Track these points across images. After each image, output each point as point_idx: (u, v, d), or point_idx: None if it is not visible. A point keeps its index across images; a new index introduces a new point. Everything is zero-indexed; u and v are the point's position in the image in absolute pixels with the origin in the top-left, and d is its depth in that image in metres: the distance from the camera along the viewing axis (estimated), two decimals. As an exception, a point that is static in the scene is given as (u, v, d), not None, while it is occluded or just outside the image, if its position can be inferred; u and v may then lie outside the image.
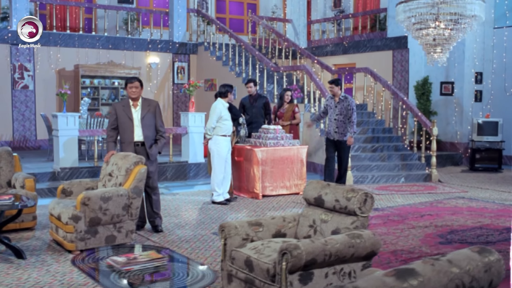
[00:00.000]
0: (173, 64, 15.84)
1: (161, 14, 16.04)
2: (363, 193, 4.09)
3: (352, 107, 9.02)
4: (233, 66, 14.61)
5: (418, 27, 6.85)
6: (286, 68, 13.23)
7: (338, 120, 9.06)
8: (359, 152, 11.45)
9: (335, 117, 9.09)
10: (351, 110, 8.99)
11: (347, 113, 8.99)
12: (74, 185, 6.40)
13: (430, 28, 6.60)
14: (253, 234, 4.31)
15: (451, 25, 6.58)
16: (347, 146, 9.14)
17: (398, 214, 7.70)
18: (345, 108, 9.01)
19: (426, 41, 6.97)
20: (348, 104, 9.02)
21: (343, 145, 9.11)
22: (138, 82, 6.66)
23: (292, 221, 4.52)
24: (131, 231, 5.95)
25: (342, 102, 9.07)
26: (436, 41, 6.78)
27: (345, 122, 9.01)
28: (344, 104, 9.04)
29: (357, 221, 4.08)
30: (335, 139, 9.11)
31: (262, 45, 16.39)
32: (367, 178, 10.64)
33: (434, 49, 6.98)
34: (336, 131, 9.10)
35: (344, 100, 9.06)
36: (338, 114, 9.06)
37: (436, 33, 6.64)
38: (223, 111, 8.29)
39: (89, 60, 14.44)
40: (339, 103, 9.07)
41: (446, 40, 6.74)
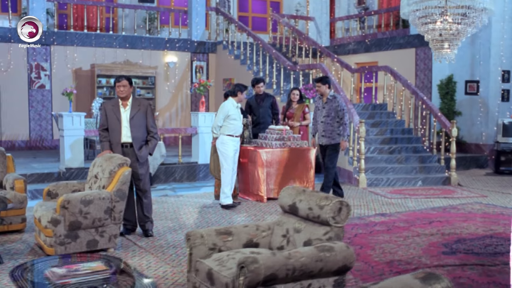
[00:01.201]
0: (191, 63, 15.64)
1: (179, 12, 15.88)
2: (337, 201, 3.73)
3: (342, 107, 8.29)
4: (251, 65, 14.31)
5: (424, 21, 6.41)
6: (302, 67, 12.87)
7: (325, 122, 8.36)
8: (375, 153, 11.00)
9: (322, 119, 8.41)
10: (341, 110, 8.28)
11: (336, 114, 8.30)
12: (60, 187, 6.20)
13: (437, 23, 6.15)
14: (221, 244, 4.01)
15: (459, 19, 6.13)
16: (334, 152, 8.42)
17: (405, 220, 7.27)
18: (333, 109, 8.31)
19: (432, 37, 6.53)
20: (337, 105, 8.30)
21: (330, 151, 8.41)
22: (127, 80, 6.41)
23: (267, 229, 4.20)
24: (114, 235, 5.72)
25: (330, 102, 8.36)
26: (443, 37, 6.34)
27: (333, 124, 8.31)
28: (333, 105, 8.33)
29: (330, 231, 3.73)
30: (322, 143, 8.46)
31: (283, 44, 16.06)
32: (381, 181, 10.19)
33: (441, 45, 6.52)
34: (323, 135, 8.43)
35: (332, 100, 8.35)
36: (325, 116, 8.36)
37: (442, 28, 6.19)
38: (232, 110, 7.99)
39: (106, 59, 14.36)
40: (327, 103, 8.38)
41: (453, 35, 6.29)
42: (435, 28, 6.22)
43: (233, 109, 8.01)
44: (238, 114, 8.04)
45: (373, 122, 11.96)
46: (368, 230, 6.69)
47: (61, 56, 13.87)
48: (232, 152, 8.05)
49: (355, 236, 6.42)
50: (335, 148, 8.41)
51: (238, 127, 8.08)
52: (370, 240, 6.20)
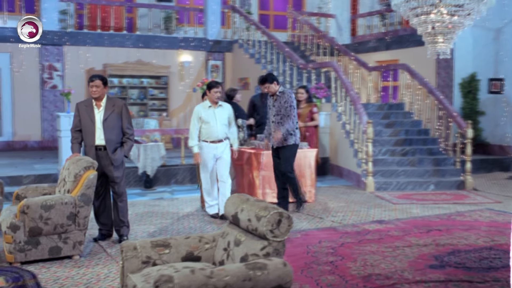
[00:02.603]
0: (206, 62, 15.35)
1: (195, 11, 15.62)
2: (276, 213, 3.32)
3: (290, 103, 7.33)
4: (265, 64, 13.93)
5: (416, 13, 5.88)
6: (314, 65, 12.42)
7: (275, 122, 7.46)
8: (387, 155, 10.47)
9: (272, 119, 7.53)
10: (289, 107, 7.31)
11: (286, 112, 7.34)
12: (29, 191, 5.98)
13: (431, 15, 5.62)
14: (156, 257, 3.66)
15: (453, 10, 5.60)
16: (287, 153, 7.47)
17: (402, 228, 6.77)
18: (282, 106, 7.37)
19: (425, 30, 6.00)
20: (285, 100, 7.36)
21: (284, 154, 7.48)
22: (100, 80, 6.10)
23: (211, 241, 3.83)
24: (79, 242, 5.44)
25: (279, 98, 7.42)
26: (436, 30, 5.81)
27: (284, 123, 7.35)
28: (281, 101, 7.41)
29: (268, 246, 3.33)
30: (274, 145, 7.56)
31: (301, 42, 15.63)
32: (391, 184, 9.66)
33: (434, 39, 5.98)
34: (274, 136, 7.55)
35: (281, 96, 7.41)
36: (275, 115, 7.47)
37: (435, 20, 5.66)
38: (202, 112, 7.16)
39: (119, 59, 14.21)
40: (276, 100, 7.46)
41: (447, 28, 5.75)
42: (427, 20, 5.72)
43: (204, 111, 7.16)
44: (212, 116, 7.14)
45: (388, 122, 11.41)
46: (358, 239, 6.23)
47: (74, 56, 13.78)
48: (208, 160, 7.21)
49: (341, 245, 5.97)
50: (290, 150, 7.48)
51: (213, 131, 7.14)
52: (355, 251, 5.75)
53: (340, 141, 11.04)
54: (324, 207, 8.15)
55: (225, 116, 7.26)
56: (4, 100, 13.29)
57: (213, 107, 7.19)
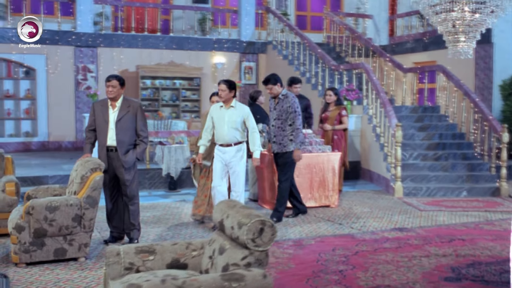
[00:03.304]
0: (240, 64, 15.26)
1: (229, 13, 15.57)
2: (258, 221, 3.14)
3: (294, 109, 6.99)
4: (298, 65, 13.73)
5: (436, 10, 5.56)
6: (345, 67, 12.14)
7: (275, 126, 7.15)
8: (418, 160, 10.09)
9: (272, 123, 7.22)
10: (292, 112, 6.99)
11: (287, 116, 7.03)
12: (39, 191, 5.97)
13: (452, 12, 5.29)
14: (139, 264, 3.54)
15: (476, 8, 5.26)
16: (288, 162, 7.11)
17: (423, 236, 6.45)
18: (284, 111, 7.04)
19: (445, 28, 5.66)
20: (289, 105, 7.00)
21: (282, 160, 7.13)
22: (117, 80, 6.05)
23: (198, 248, 3.68)
24: (85, 244, 5.39)
25: (281, 102, 7.10)
26: (456, 28, 5.47)
27: (284, 128, 7.07)
28: (284, 105, 7.06)
29: (249, 256, 3.16)
30: (274, 151, 7.25)
31: (336, 43, 15.35)
32: (421, 190, 9.29)
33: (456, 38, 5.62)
34: (274, 141, 7.19)
35: (283, 100, 7.08)
36: (275, 119, 7.15)
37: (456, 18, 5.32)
38: (213, 112, 6.68)
39: (152, 61, 14.28)
40: (278, 103, 7.14)
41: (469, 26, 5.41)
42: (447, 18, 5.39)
43: (216, 111, 6.66)
44: (221, 117, 6.57)
45: (421, 125, 11.02)
46: (374, 247, 5.96)
47: (107, 58, 13.92)
48: (216, 163, 6.67)
49: (355, 253, 5.72)
50: (288, 158, 7.13)
51: (220, 134, 6.60)
52: (368, 260, 5.50)
53: (371, 145, 10.73)
54: (347, 212, 7.89)
55: (236, 119, 6.56)
56: (39, 101, 13.53)
57: (224, 107, 6.61)
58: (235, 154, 6.59)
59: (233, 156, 6.59)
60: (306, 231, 6.74)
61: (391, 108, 9.89)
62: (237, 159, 6.61)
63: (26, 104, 13.72)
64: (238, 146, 6.62)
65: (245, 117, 6.67)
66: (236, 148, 6.60)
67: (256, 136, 6.64)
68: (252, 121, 6.70)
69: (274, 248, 5.87)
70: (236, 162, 6.61)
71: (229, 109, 6.59)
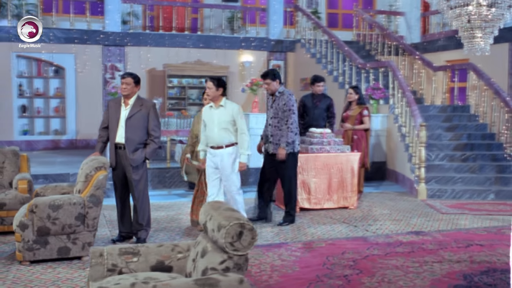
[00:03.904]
0: (268, 62, 15.14)
1: (258, 11, 15.46)
2: (236, 224, 3.02)
3: (290, 107, 6.73)
4: (326, 64, 13.53)
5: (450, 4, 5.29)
6: (372, 65, 11.87)
7: (272, 125, 6.90)
8: (444, 161, 9.77)
9: (269, 121, 6.99)
10: (287, 110, 6.75)
11: (284, 115, 6.79)
12: (48, 190, 5.98)
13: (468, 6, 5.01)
14: (123, 265, 3.46)
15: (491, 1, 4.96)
16: (288, 162, 6.84)
17: (440, 241, 6.20)
18: (280, 108, 6.81)
19: (460, 24, 5.38)
20: (284, 103, 6.76)
21: (282, 163, 6.86)
22: (131, 78, 6.02)
23: (184, 251, 3.58)
24: (88, 243, 5.36)
25: (278, 100, 6.88)
26: (472, 23, 5.19)
27: (281, 128, 6.82)
28: (280, 103, 6.84)
29: (228, 260, 3.03)
30: (269, 151, 6.99)
31: (366, 41, 15.06)
32: (445, 192, 8.98)
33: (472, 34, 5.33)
34: (271, 141, 6.95)
35: (279, 98, 6.85)
36: (272, 117, 6.92)
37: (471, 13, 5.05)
38: (205, 114, 6.34)
39: (179, 59, 14.30)
40: (275, 101, 6.92)
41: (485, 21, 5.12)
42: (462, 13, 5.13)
43: (206, 111, 6.32)
44: (210, 117, 6.21)
45: (449, 125, 10.69)
46: (386, 252, 5.76)
47: (135, 56, 14.00)
48: (208, 167, 6.31)
49: (365, 257, 5.53)
50: (288, 161, 6.85)
51: (209, 135, 6.24)
52: (377, 264, 5.30)
53: (396, 145, 10.46)
54: (365, 214, 7.68)
55: (225, 118, 6.15)
56: (68, 100, 13.73)
57: (214, 107, 6.23)
58: (227, 157, 6.19)
59: (224, 159, 6.19)
60: (319, 233, 6.57)
61: (416, 107, 9.61)
62: (229, 163, 6.21)
63: (55, 102, 13.93)
64: (230, 148, 6.21)
65: (235, 116, 6.21)
66: (228, 151, 6.20)
67: (244, 139, 6.21)
68: (241, 122, 6.23)
69: (282, 251, 5.75)
70: (228, 166, 6.21)
71: (218, 109, 6.21)
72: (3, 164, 6.85)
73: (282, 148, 6.75)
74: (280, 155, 6.76)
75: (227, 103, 6.24)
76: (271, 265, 5.27)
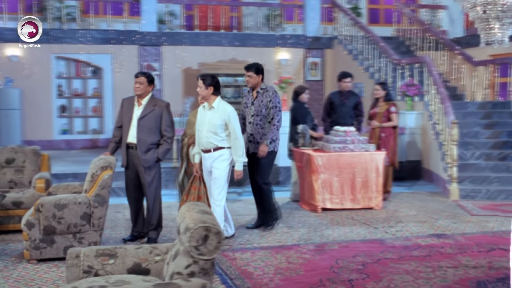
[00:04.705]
0: (305, 59, 14.92)
1: (295, 7, 15.26)
2: (201, 227, 2.89)
3: (276, 104, 6.35)
4: (362, 60, 13.22)
5: (464, -5, 4.98)
6: (407, 61, 11.48)
7: (253, 123, 6.43)
8: (480, 160, 9.34)
9: (249, 119, 6.49)
10: (273, 108, 6.36)
11: (268, 112, 6.38)
12: (60, 189, 6.04)
13: (483, -4, 4.69)
14: (99, 267, 3.40)
15: (508, -9, 4.64)
16: (263, 162, 6.39)
17: (461, 244, 5.89)
18: (264, 106, 6.38)
19: (476, 15, 5.04)
20: (269, 100, 6.35)
21: (258, 161, 6.40)
22: (145, 77, 5.99)
23: (163, 253, 3.49)
24: (94, 242, 5.37)
25: (261, 96, 6.42)
26: (487, 13, 4.85)
27: (263, 126, 6.41)
28: (263, 100, 6.39)
29: (193, 265, 2.92)
30: (249, 151, 6.45)
31: (406, 36, 14.62)
32: (480, 192, 8.57)
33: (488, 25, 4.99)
34: (251, 140, 6.47)
35: (262, 94, 6.42)
36: (253, 115, 6.45)
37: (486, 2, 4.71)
38: (199, 114, 6.05)
39: (215, 58, 14.27)
40: (257, 98, 6.44)
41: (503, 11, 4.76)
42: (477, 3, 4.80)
43: (199, 112, 6.03)
44: (202, 119, 5.91)
45: (488, 123, 10.22)
46: (400, 255, 5.51)
47: (171, 56, 14.06)
48: (204, 174, 6.08)
49: (377, 261, 5.31)
50: (266, 158, 6.41)
51: (199, 138, 5.95)
52: (387, 269, 5.07)
53: (431, 143, 10.07)
54: (389, 215, 7.40)
55: (215, 122, 5.77)
56: (105, 99, 13.92)
57: (207, 108, 5.89)
58: (217, 158, 5.85)
59: (214, 161, 5.87)
60: (335, 235, 6.37)
61: (449, 103, 9.22)
62: (218, 163, 5.86)
63: (93, 102, 14.17)
64: (219, 152, 5.84)
65: (226, 120, 5.77)
66: (214, 155, 5.85)
67: (237, 145, 5.79)
68: (234, 126, 5.77)
69: (291, 253, 5.59)
70: (217, 166, 5.86)
71: (210, 110, 5.84)
72: (24, 163, 6.97)
73: (265, 145, 6.33)
74: (262, 152, 6.32)
75: (220, 105, 5.83)
76: (276, 267, 5.12)
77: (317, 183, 7.59)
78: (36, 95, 13.28)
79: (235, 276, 4.89)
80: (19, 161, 6.95)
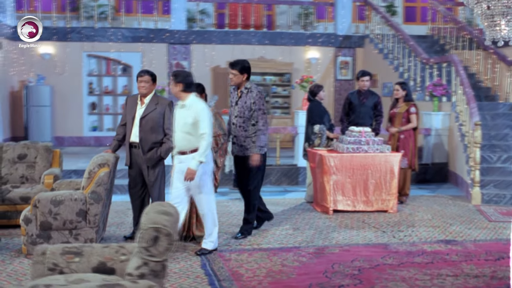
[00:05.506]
0: (335, 59, 14.69)
1: (326, 5, 15.04)
2: (151, 228, 2.84)
3: (260, 106, 5.94)
4: (392, 59, 12.93)
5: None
6: (435, 60, 11.14)
7: (236, 124, 6.06)
8: (508, 163, 8.95)
9: (233, 120, 6.13)
10: (257, 110, 5.94)
11: (251, 114, 5.97)
12: (63, 185, 6.09)
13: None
14: (64, 265, 3.38)
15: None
16: (252, 168, 6.02)
17: (468, 252, 5.64)
18: (247, 107, 5.97)
19: (481, 11, 4.77)
20: (253, 101, 5.93)
21: (244, 166, 6.06)
22: (149, 76, 5.99)
23: (128, 253, 3.43)
24: (90, 239, 5.38)
25: (245, 97, 6.02)
26: (492, 9, 4.57)
27: (247, 128, 5.99)
28: (247, 101, 5.99)
29: (143, 266, 2.86)
30: (234, 153, 6.21)
31: (440, 35, 14.20)
32: (504, 198, 8.22)
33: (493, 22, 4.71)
34: (235, 142, 6.13)
35: (246, 95, 5.99)
36: (237, 116, 6.07)
37: (490, -3, 4.44)
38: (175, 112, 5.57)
39: (243, 56, 14.09)
40: (241, 98, 6.06)
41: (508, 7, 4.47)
42: (481, -1, 4.55)
43: (176, 111, 5.49)
44: (177, 118, 5.41)
45: (518, 125, 9.80)
46: (401, 261, 5.31)
47: (200, 54, 14.09)
48: (174, 174, 5.47)
49: (375, 267, 5.13)
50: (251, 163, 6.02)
51: (174, 138, 5.46)
52: (384, 275, 4.89)
53: (457, 145, 9.73)
54: (402, 219, 7.17)
55: (187, 121, 5.26)
56: (135, 97, 14.05)
57: (180, 105, 5.41)
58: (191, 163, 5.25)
59: (187, 165, 5.27)
60: (340, 238, 6.21)
61: (475, 104, 8.88)
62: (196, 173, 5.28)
63: (123, 99, 14.18)
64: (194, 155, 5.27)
65: (197, 118, 5.22)
66: (192, 157, 5.27)
67: (201, 143, 5.19)
68: (203, 123, 5.20)
69: (289, 255, 5.47)
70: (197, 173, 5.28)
71: (183, 109, 5.35)
72: (35, 159, 7.07)
73: (256, 154, 5.93)
74: (254, 162, 5.94)
75: (192, 102, 5.30)
76: (268, 270, 5.02)
77: (329, 184, 7.42)
78: (67, 92, 13.53)
79: (224, 277, 4.81)
80: (31, 156, 7.06)
